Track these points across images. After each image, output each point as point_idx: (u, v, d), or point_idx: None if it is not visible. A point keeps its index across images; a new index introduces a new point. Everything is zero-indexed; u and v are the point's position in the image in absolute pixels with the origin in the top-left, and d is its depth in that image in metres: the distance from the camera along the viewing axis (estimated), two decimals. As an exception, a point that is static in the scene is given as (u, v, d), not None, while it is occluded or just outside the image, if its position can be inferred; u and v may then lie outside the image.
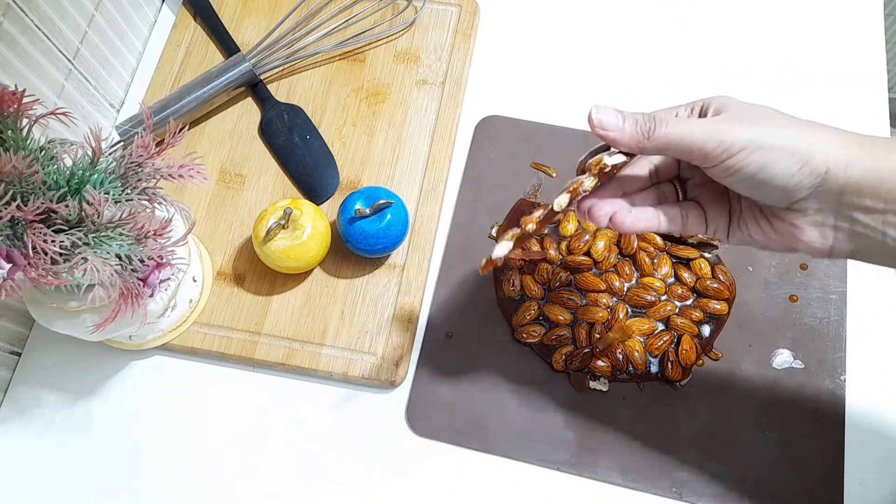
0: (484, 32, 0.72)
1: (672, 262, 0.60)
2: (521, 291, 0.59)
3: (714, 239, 0.61)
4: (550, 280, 0.60)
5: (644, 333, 0.58)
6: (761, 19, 0.72)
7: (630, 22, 0.72)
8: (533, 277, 0.60)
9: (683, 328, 0.58)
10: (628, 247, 0.60)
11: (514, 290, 0.59)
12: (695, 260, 0.60)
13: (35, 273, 0.42)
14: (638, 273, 0.60)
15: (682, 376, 0.57)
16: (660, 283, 0.59)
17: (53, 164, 0.45)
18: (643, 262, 0.60)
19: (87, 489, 0.57)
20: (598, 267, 0.60)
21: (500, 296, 0.58)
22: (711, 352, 0.58)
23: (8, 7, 0.54)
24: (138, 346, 0.59)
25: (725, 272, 0.60)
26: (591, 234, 0.61)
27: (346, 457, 0.57)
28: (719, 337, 0.59)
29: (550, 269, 0.60)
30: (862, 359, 0.58)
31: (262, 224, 0.58)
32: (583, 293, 0.59)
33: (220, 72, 0.66)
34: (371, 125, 0.67)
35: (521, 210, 0.63)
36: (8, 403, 0.60)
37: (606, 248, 0.60)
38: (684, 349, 0.57)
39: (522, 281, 0.60)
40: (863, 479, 0.55)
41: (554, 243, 0.61)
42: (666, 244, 0.61)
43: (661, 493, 0.55)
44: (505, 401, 0.58)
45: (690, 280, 0.60)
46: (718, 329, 0.59)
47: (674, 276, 0.60)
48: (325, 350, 0.59)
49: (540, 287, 0.60)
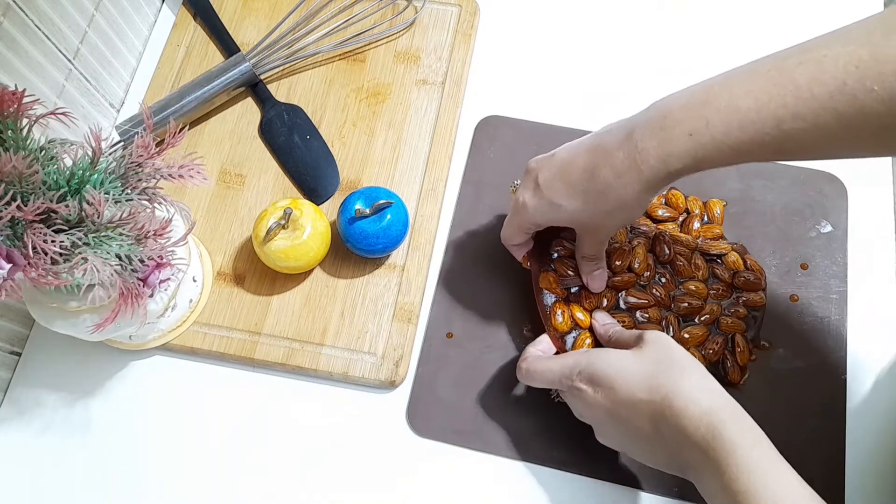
0: (484, 32, 0.72)
1: (706, 261, 0.59)
2: (573, 324, 0.56)
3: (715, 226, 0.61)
4: (598, 306, 0.56)
5: (699, 342, 0.57)
6: (761, 20, 0.72)
7: (630, 22, 0.72)
8: (581, 306, 0.56)
9: (733, 327, 0.57)
10: (662, 253, 0.58)
11: (564, 324, 0.55)
12: (726, 254, 0.59)
13: (35, 273, 0.42)
14: (678, 278, 0.58)
15: (741, 375, 0.57)
16: (701, 284, 0.58)
17: (53, 164, 0.45)
18: (681, 267, 0.58)
19: (87, 489, 0.57)
20: (639, 281, 0.58)
21: (552, 333, 0.55)
22: (760, 344, 0.58)
23: (8, 7, 0.54)
24: (138, 346, 0.59)
25: (752, 260, 0.60)
26: (628, 246, 0.58)
27: (346, 457, 0.57)
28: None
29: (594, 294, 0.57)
30: (863, 358, 0.58)
31: (262, 224, 0.57)
32: (632, 312, 0.57)
33: (220, 72, 0.66)
34: (371, 125, 0.67)
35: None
36: (8, 403, 0.60)
37: (644, 259, 0.58)
38: (739, 349, 0.57)
39: (571, 314, 0.56)
40: (863, 479, 0.55)
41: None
42: (697, 242, 0.60)
43: (662, 493, 0.55)
44: (505, 401, 0.58)
45: (726, 276, 0.59)
46: (761, 320, 0.58)
47: (710, 275, 0.59)
48: (325, 350, 0.59)
49: (588, 314, 0.56)
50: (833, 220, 0.62)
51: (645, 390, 0.44)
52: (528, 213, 0.51)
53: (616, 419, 0.47)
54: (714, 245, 0.60)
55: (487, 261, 0.62)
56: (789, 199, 0.63)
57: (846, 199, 0.63)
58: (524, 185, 0.52)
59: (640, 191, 0.45)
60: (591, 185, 0.47)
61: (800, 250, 0.61)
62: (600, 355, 0.48)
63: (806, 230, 0.62)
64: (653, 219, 0.62)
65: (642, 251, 0.58)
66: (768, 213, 0.63)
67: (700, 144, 0.42)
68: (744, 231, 0.62)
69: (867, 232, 0.63)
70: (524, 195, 0.51)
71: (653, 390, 0.44)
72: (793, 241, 0.62)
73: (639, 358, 0.46)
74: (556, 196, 0.49)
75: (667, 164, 0.44)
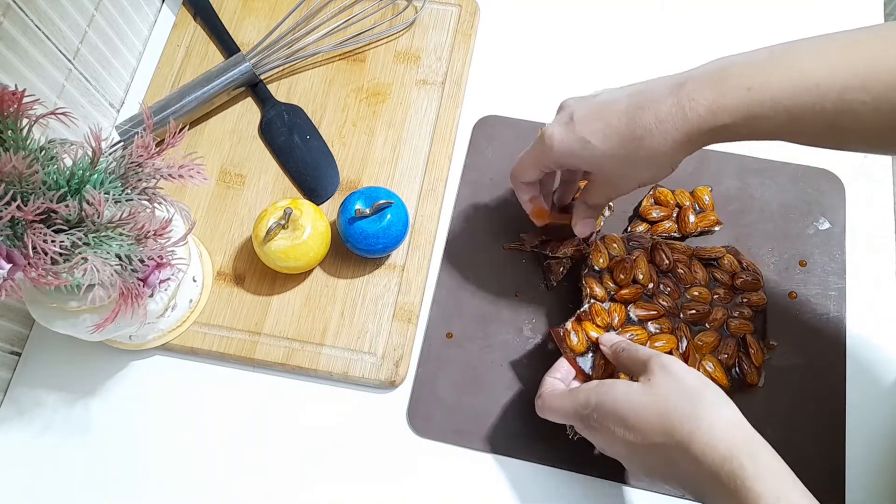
0: (484, 32, 0.72)
1: (703, 266, 0.59)
2: (588, 344, 0.54)
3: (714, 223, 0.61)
4: (609, 323, 0.56)
5: (712, 348, 0.56)
6: (762, 22, 0.72)
7: (630, 22, 0.72)
8: (594, 324, 0.55)
9: (742, 328, 0.57)
10: (662, 262, 0.58)
11: (580, 345, 0.54)
12: (721, 257, 0.59)
13: (35, 273, 0.42)
14: (682, 285, 0.58)
15: (759, 376, 0.56)
16: (704, 289, 0.58)
17: (53, 164, 0.45)
18: (683, 274, 0.58)
19: (87, 489, 0.57)
20: (645, 292, 0.57)
21: (568, 353, 0.54)
22: (769, 344, 0.58)
23: (8, 7, 0.54)
24: (138, 346, 0.59)
25: (747, 260, 0.60)
26: (629, 258, 0.57)
27: (346, 457, 0.57)
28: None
29: (605, 308, 0.56)
30: (862, 355, 0.58)
31: (262, 224, 0.58)
32: (644, 324, 0.56)
33: (220, 72, 0.66)
34: (371, 125, 0.67)
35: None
36: (8, 403, 0.60)
37: (647, 270, 0.57)
38: (752, 350, 0.57)
39: (586, 333, 0.54)
40: (863, 478, 0.55)
41: (597, 282, 0.57)
42: (692, 248, 0.60)
43: (662, 492, 0.55)
44: (505, 401, 0.58)
45: (726, 279, 0.59)
46: (765, 319, 0.58)
47: (711, 279, 0.59)
48: (325, 350, 0.59)
49: (604, 331, 0.55)
50: (831, 217, 0.63)
51: (659, 433, 0.42)
52: (552, 147, 0.49)
53: (635, 456, 0.45)
54: (708, 250, 0.60)
55: (487, 261, 0.62)
56: (787, 197, 0.63)
57: (844, 195, 0.63)
58: (556, 120, 0.49)
59: (677, 142, 0.44)
60: (628, 129, 0.45)
61: (798, 247, 0.62)
62: (609, 394, 0.46)
63: (804, 227, 0.62)
64: (649, 221, 0.62)
65: (643, 262, 0.57)
66: (766, 210, 0.63)
67: (757, 101, 0.41)
68: (742, 229, 0.62)
69: (865, 228, 0.63)
70: (554, 128, 0.49)
71: (667, 433, 0.42)
72: (791, 239, 0.62)
73: (648, 393, 0.44)
74: (590, 133, 0.47)
75: (716, 116, 0.42)
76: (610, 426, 0.45)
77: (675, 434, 0.42)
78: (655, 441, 0.43)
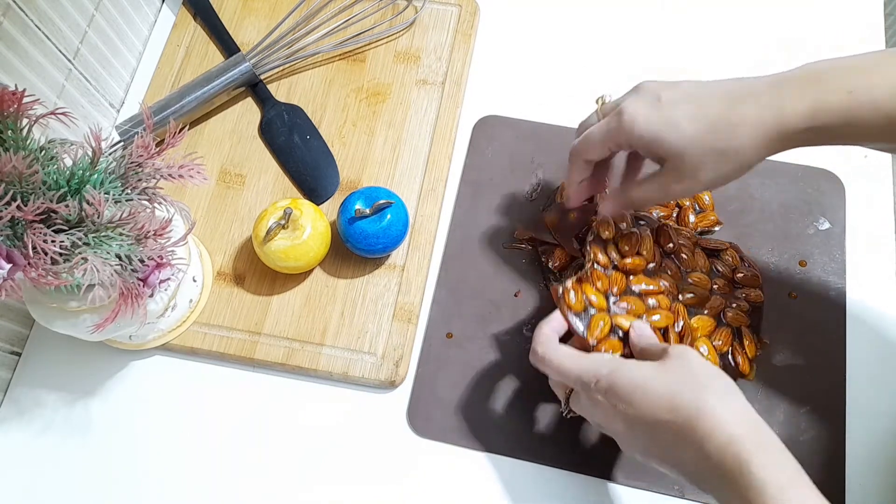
0: (484, 32, 0.72)
1: (706, 256, 0.59)
2: (585, 304, 0.53)
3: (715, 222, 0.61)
4: (608, 289, 0.55)
5: (708, 332, 0.56)
6: (762, 21, 0.72)
7: (631, 21, 0.72)
8: (594, 287, 0.54)
9: (738, 320, 0.57)
10: (667, 244, 0.58)
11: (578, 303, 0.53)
12: (724, 250, 0.59)
13: (35, 273, 0.42)
14: (684, 269, 0.58)
15: (751, 368, 0.56)
16: (704, 276, 0.58)
17: (53, 164, 0.45)
18: (685, 259, 0.58)
19: (87, 489, 0.57)
20: (648, 266, 0.56)
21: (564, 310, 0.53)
22: (762, 341, 0.58)
23: (8, 7, 0.54)
24: (138, 346, 0.59)
25: (748, 258, 0.60)
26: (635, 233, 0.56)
27: (346, 457, 0.57)
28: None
29: (606, 275, 0.55)
30: (861, 355, 0.58)
31: (262, 224, 0.58)
32: (643, 297, 0.55)
33: (220, 72, 0.66)
34: (371, 125, 0.67)
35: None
36: (8, 403, 0.60)
37: (651, 248, 0.56)
38: (747, 341, 0.57)
39: (585, 294, 0.53)
40: (863, 478, 0.55)
41: (601, 249, 0.56)
42: (696, 236, 0.60)
43: (663, 492, 0.55)
44: (505, 401, 0.58)
45: (726, 272, 0.59)
46: (761, 317, 0.58)
47: (712, 269, 0.59)
48: (325, 350, 0.59)
49: (601, 295, 0.54)
50: (831, 217, 0.63)
51: (667, 409, 0.42)
52: (633, 126, 0.46)
53: (635, 433, 0.45)
54: (712, 241, 0.60)
55: (487, 261, 0.62)
56: (787, 197, 0.63)
57: (844, 195, 0.63)
58: (636, 98, 0.47)
59: (770, 138, 0.44)
60: (725, 114, 0.44)
61: (798, 247, 0.62)
62: (624, 366, 0.45)
63: (804, 227, 0.62)
64: None
65: (649, 240, 0.57)
66: (766, 210, 0.63)
67: (859, 103, 0.42)
68: (742, 229, 0.62)
69: (865, 228, 0.63)
70: (634, 105, 0.47)
71: (675, 410, 0.42)
72: (791, 239, 0.62)
73: (661, 372, 0.44)
74: (680, 115, 0.45)
75: (815, 116, 0.43)
76: (613, 399, 0.44)
77: (682, 410, 0.42)
78: (662, 418, 0.42)
